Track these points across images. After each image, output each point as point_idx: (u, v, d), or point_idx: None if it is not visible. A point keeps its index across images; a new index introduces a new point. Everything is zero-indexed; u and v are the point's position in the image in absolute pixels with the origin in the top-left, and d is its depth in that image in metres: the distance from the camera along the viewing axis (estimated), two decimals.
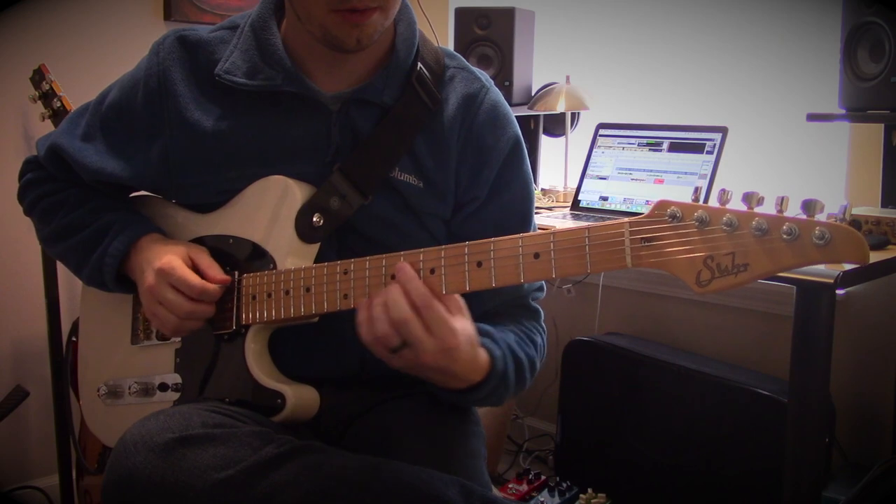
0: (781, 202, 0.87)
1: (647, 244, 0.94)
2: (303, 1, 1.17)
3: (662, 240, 0.93)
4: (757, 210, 0.88)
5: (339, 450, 1.13)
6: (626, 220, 0.95)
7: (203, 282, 1.21)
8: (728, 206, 0.90)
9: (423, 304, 1.04)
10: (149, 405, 1.29)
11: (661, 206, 0.93)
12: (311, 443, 1.11)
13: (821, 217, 0.85)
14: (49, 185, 1.40)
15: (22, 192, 1.43)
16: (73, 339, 2.05)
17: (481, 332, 1.18)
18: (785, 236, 0.85)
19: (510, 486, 2.36)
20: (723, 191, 0.90)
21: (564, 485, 2.35)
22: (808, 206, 0.85)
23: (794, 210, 0.87)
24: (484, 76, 1.33)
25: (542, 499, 2.31)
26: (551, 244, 1.00)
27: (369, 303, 1.07)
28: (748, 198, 0.88)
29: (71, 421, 2.12)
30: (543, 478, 2.39)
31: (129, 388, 1.32)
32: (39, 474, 2.37)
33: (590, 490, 2.29)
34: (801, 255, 0.85)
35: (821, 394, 1.61)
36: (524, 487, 2.34)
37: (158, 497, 1.02)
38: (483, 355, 1.15)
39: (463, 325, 1.08)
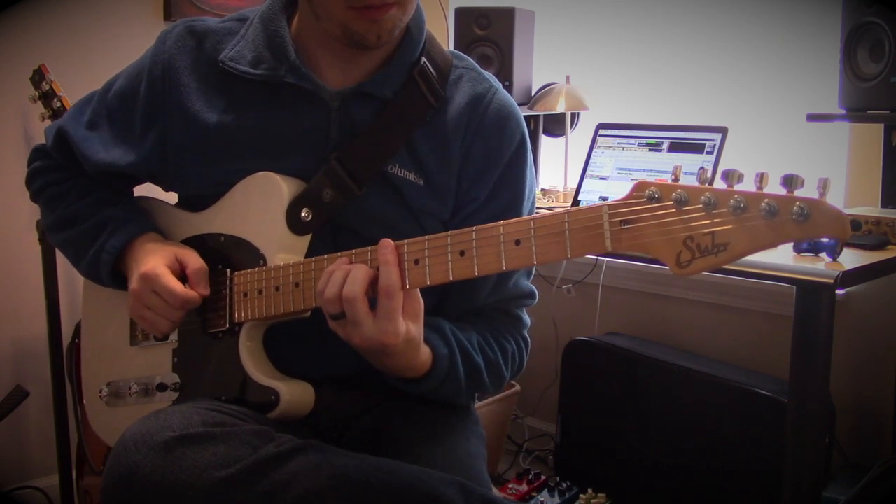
0: (761, 178, 0.85)
1: (626, 227, 0.92)
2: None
3: (641, 221, 0.91)
4: (737, 188, 0.86)
5: (339, 449, 1.12)
6: (605, 203, 0.94)
7: (186, 292, 1.22)
8: (708, 185, 0.88)
9: (386, 292, 1.06)
10: (149, 405, 1.30)
11: (640, 187, 0.92)
12: (311, 442, 1.10)
13: (801, 193, 0.83)
14: (55, 175, 1.41)
15: (30, 178, 1.45)
16: (76, 340, 2.05)
17: (435, 329, 1.19)
18: (763, 213, 0.83)
19: (510, 486, 2.36)
20: (702, 169, 0.88)
21: (564, 485, 2.35)
22: (789, 181, 0.83)
23: (774, 187, 0.84)
24: (493, 78, 1.33)
25: (542, 499, 2.31)
26: (531, 230, 1.00)
27: (337, 265, 1.09)
28: (728, 175, 0.86)
29: (71, 421, 2.12)
30: (543, 478, 2.39)
31: (130, 389, 1.33)
32: (39, 474, 2.37)
33: (590, 490, 2.30)
34: (780, 232, 0.83)
35: (821, 394, 1.60)
36: (524, 487, 2.34)
37: (158, 496, 1.02)
38: (425, 355, 1.16)
39: (408, 329, 1.09)
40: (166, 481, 1.02)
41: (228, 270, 1.26)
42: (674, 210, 0.89)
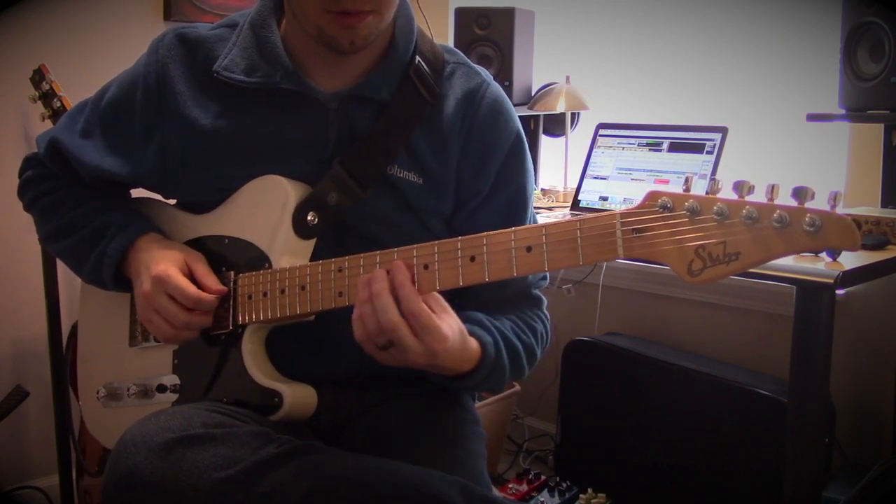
0: (772, 190, 0.87)
1: (638, 235, 0.94)
2: (299, 1, 1.17)
3: (654, 230, 0.92)
4: (748, 199, 0.88)
5: (339, 450, 1.13)
6: (618, 211, 0.96)
7: (199, 292, 1.22)
8: (719, 196, 0.89)
9: (409, 311, 1.04)
10: (147, 407, 1.29)
11: (652, 196, 0.93)
12: (311, 443, 1.11)
13: (812, 204, 0.85)
14: (48, 184, 1.40)
15: (22, 189, 1.44)
16: (73, 342, 2.05)
17: (473, 321, 1.18)
18: (775, 224, 0.85)
19: (510, 486, 2.36)
20: (713, 180, 0.90)
21: (564, 485, 2.35)
22: (799, 193, 0.85)
23: (784, 198, 0.86)
24: (484, 71, 1.33)
25: (542, 499, 2.31)
26: (543, 237, 1.00)
27: (360, 301, 1.07)
28: (739, 187, 0.88)
29: (71, 421, 2.12)
30: (543, 478, 2.39)
31: (128, 391, 1.32)
32: (39, 474, 2.37)
33: (590, 490, 2.29)
34: (792, 242, 0.85)
35: (821, 394, 1.60)
36: (524, 487, 2.34)
37: (158, 496, 1.02)
38: (473, 345, 1.15)
39: (449, 324, 1.08)
40: (166, 482, 1.02)
41: (232, 273, 1.25)
42: (686, 220, 0.90)
